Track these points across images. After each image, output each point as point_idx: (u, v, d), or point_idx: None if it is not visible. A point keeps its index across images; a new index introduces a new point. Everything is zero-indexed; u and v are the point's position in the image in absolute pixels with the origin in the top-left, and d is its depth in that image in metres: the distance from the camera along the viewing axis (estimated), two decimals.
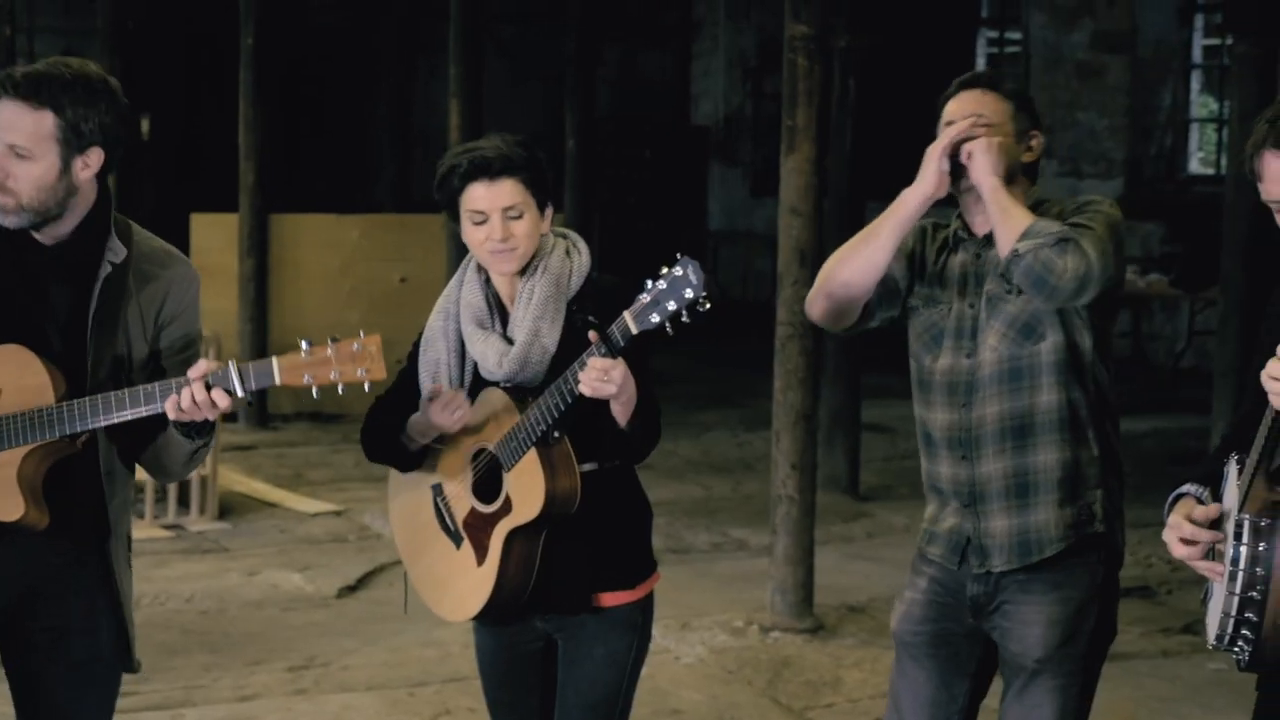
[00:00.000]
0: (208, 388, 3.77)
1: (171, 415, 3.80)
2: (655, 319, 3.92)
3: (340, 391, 3.86)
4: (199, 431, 3.92)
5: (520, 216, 4.24)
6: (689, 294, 3.89)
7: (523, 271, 4.30)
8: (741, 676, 7.32)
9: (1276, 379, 3.13)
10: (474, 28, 12.61)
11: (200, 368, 3.80)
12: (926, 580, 4.52)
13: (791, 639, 7.76)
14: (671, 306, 3.90)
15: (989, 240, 4.37)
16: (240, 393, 3.80)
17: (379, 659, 7.44)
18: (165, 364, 4.01)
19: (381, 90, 18.63)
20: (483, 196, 4.23)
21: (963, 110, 4.38)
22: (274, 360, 3.82)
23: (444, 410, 4.26)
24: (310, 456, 11.90)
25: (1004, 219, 4.23)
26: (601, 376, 3.99)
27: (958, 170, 4.32)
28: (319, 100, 20.06)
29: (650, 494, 4.51)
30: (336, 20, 19.78)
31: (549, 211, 4.31)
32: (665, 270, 3.93)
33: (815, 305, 4.54)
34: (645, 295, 3.93)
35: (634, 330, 3.95)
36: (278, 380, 3.80)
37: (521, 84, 19.95)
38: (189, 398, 3.77)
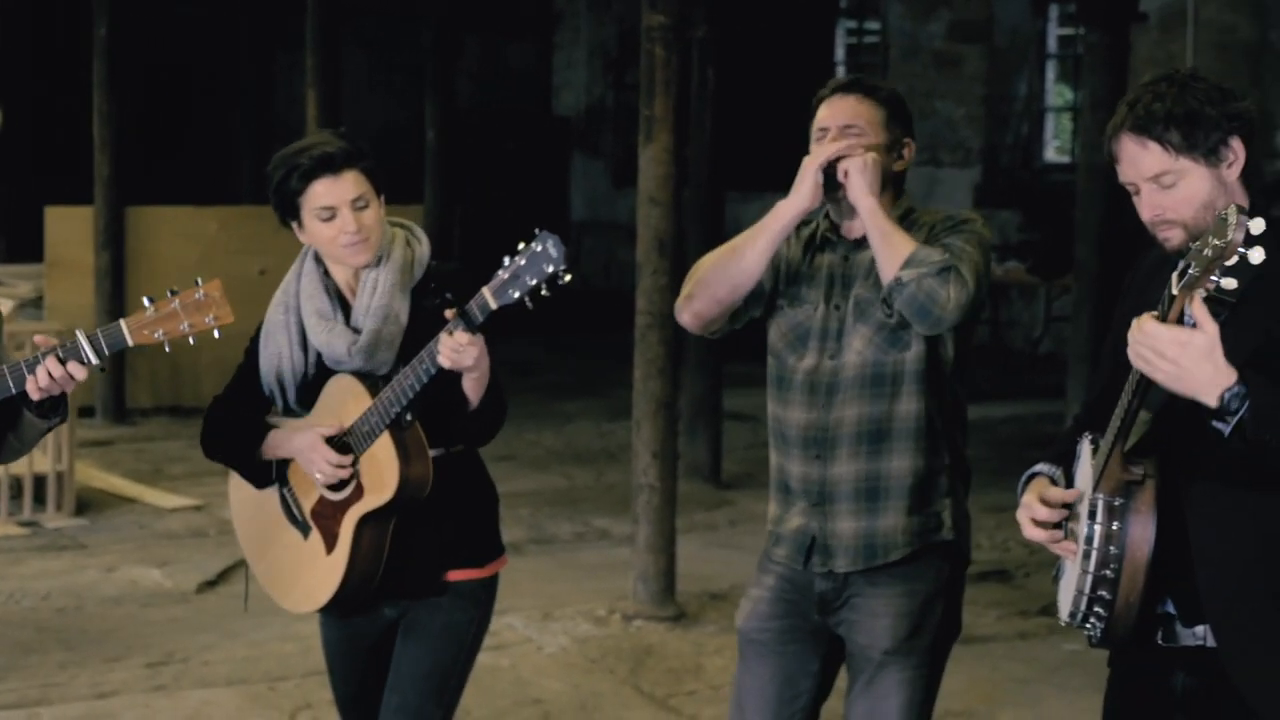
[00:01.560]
0: (62, 361, 3.76)
1: (34, 395, 3.79)
2: (515, 294, 3.92)
3: (192, 343, 3.88)
4: (54, 409, 3.91)
5: (367, 206, 4.26)
6: (549, 268, 3.89)
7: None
8: (604, 665, 7.33)
9: (1138, 341, 3.14)
10: (332, 19, 12.55)
11: (41, 339, 3.82)
12: (774, 578, 4.51)
13: (654, 627, 7.78)
14: (531, 281, 3.90)
15: (859, 244, 4.36)
16: (94, 360, 3.81)
17: (239, 654, 7.38)
18: None
19: (241, 82, 18.42)
20: (328, 191, 4.23)
21: (836, 118, 4.35)
22: (122, 323, 3.84)
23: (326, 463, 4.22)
24: (169, 451, 11.77)
25: (885, 245, 4.21)
26: (461, 349, 3.97)
27: (832, 182, 4.29)
28: (178, 92, 19.83)
29: (513, 484, 4.53)
30: (196, 11, 19.57)
31: (383, 199, 4.30)
32: (523, 245, 3.92)
33: (684, 313, 4.51)
34: (504, 271, 3.93)
35: (494, 305, 3.95)
36: (130, 342, 3.82)
37: (381, 76, 19.84)
38: (45, 375, 3.76)
